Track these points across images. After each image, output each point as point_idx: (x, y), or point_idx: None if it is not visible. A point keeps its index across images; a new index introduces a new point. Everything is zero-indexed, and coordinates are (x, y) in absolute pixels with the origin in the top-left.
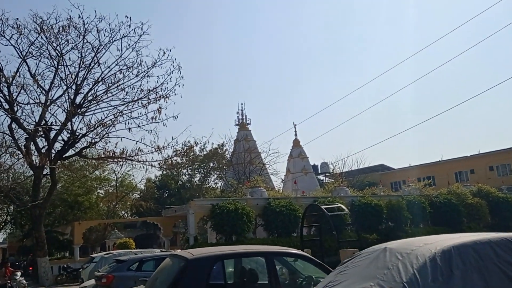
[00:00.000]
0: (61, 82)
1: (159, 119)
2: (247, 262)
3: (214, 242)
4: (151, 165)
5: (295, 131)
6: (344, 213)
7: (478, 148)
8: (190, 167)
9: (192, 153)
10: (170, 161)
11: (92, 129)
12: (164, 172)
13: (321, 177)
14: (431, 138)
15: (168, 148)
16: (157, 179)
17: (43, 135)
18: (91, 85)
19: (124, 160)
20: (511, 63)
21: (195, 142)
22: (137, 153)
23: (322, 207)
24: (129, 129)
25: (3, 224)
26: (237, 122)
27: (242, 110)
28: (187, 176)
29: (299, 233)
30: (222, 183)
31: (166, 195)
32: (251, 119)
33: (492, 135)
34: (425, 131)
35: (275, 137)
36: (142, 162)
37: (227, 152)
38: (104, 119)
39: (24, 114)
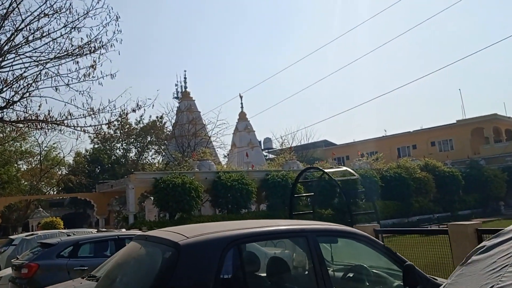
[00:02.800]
0: None
1: (93, 76)
2: (275, 246)
3: (153, 220)
4: (84, 130)
5: (241, 103)
6: (354, 177)
7: (420, 124)
8: (125, 141)
9: (127, 125)
10: (108, 126)
11: (9, 84)
12: (96, 146)
13: (264, 153)
14: (377, 114)
15: (105, 112)
16: (88, 153)
17: None
18: (8, 35)
19: (49, 124)
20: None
21: (137, 105)
22: (66, 117)
23: (326, 170)
24: (56, 87)
25: None
26: (175, 95)
27: (185, 78)
28: (122, 151)
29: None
30: (163, 158)
31: (98, 170)
32: (194, 90)
33: (434, 111)
34: (371, 107)
35: (219, 105)
36: (73, 128)
37: (167, 125)
38: (24, 73)
39: None
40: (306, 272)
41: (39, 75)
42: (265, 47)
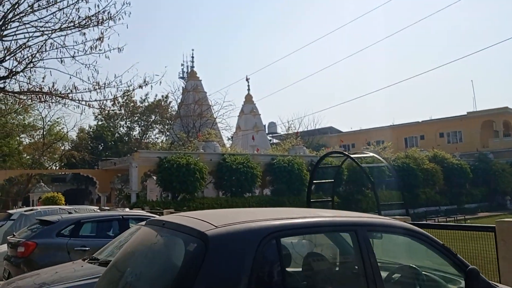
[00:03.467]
0: None
1: (100, 49)
2: (318, 241)
3: (155, 200)
4: (89, 105)
5: (248, 86)
6: (382, 165)
7: (429, 115)
8: (129, 119)
9: (132, 103)
10: (113, 101)
11: (12, 53)
12: (100, 123)
13: (268, 137)
14: (386, 103)
15: (111, 87)
16: (91, 130)
17: None
18: (13, 1)
19: (54, 97)
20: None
21: (144, 81)
22: (71, 91)
23: (353, 156)
24: (62, 59)
25: None
26: (181, 75)
27: (192, 57)
28: (125, 129)
29: (269, 191)
30: (166, 137)
31: (102, 147)
32: (200, 71)
33: (444, 102)
34: (381, 96)
35: (226, 87)
36: (78, 101)
37: (171, 105)
38: (28, 42)
39: None
40: (354, 273)
41: (44, 46)
42: (275, 30)
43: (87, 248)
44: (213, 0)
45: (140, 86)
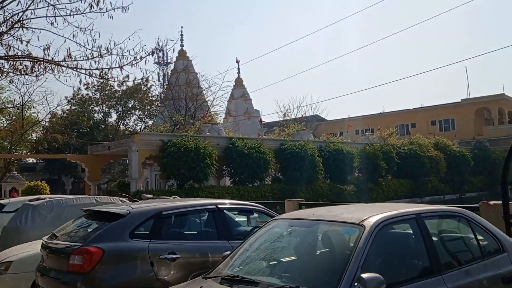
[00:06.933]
0: None
1: (100, 8)
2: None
3: (155, 189)
4: (90, 74)
5: (238, 69)
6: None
7: (421, 101)
8: (106, 104)
9: (108, 87)
10: (121, 68)
11: None
12: (74, 108)
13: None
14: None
15: (112, 55)
16: (65, 115)
17: None
18: None
19: (46, 63)
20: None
21: (158, 46)
22: (64, 59)
23: None
24: (55, 18)
25: None
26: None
27: (181, 36)
28: (101, 115)
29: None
30: (153, 121)
31: (76, 134)
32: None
33: (436, 90)
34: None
35: (216, 74)
36: (76, 69)
37: (153, 89)
38: None
39: None
40: None
41: (33, 2)
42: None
43: (177, 256)
44: None
45: (152, 53)
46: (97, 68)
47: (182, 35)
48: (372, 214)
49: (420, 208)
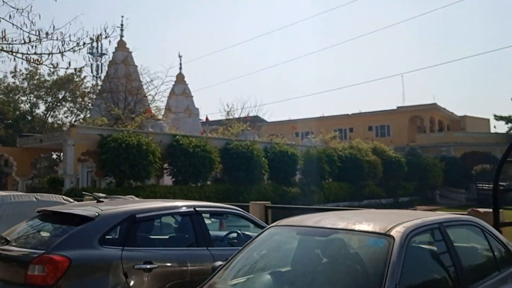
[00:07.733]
0: None
1: None
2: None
3: (90, 187)
4: (28, 59)
5: (180, 64)
6: None
7: (359, 108)
8: (33, 94)
9: (37, 76)
10: (61, 55)
11: None
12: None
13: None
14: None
15: (54, 39)
16: None
17: None
18: None
19: None
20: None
21: (105, 32)
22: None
23: None
24: None
25: None
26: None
27: (121, 25)
28: (28, 105)
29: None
30: (90, 113)
31: (2, 125)
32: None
33: (374, 97)
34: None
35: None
36: (12, 53)
37: (86, 80)
38: None
39: None
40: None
41: None
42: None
43: (154, 266)
44: None
45: (97, 39)
46: (35, 53)
47: (122, 24)
48: (395, 223)
49: (439, 217)
